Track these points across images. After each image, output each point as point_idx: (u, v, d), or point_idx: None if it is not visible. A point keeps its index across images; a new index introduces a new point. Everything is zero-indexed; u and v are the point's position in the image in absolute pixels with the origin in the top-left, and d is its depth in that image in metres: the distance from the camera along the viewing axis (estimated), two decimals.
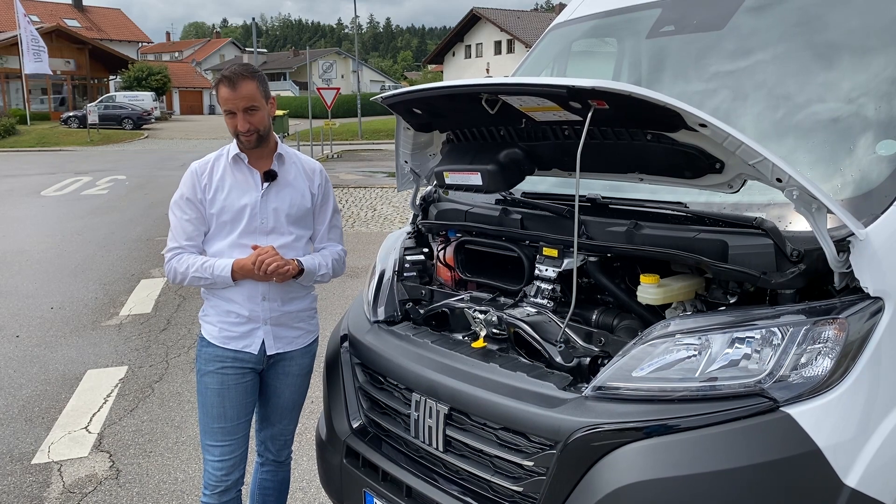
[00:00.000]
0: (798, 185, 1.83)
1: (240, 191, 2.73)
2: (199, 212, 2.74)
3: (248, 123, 2.64)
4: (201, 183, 2.74)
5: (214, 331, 2.78)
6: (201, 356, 2.81)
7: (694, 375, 1.90)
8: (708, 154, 2.04)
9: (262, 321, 2.76)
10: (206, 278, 2.69)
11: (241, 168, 2.77)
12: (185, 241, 2.75)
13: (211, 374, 2.77)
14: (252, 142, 2.68)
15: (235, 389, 2.77)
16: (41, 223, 12.36)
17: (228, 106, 2.64)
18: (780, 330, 1.88)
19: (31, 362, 5.80)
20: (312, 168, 2.90)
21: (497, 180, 2.50)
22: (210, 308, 2.82)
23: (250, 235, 2.73)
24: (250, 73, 2.66)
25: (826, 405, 1.79)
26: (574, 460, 1.92)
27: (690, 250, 2.12)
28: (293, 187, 2.80)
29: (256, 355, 2.78)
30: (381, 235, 10.21)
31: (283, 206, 2.76)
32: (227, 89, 2.62)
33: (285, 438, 3.02)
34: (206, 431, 2.80)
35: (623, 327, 2.30)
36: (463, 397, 2.23)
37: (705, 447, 1.81)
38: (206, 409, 2.78)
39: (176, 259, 2.74)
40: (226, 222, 2.74)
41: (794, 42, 2.69)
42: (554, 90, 2.01)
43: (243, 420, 2.81)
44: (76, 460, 4.20)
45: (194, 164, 2.80)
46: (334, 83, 27.07)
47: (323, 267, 2.83)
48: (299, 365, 2.92)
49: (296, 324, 2.86)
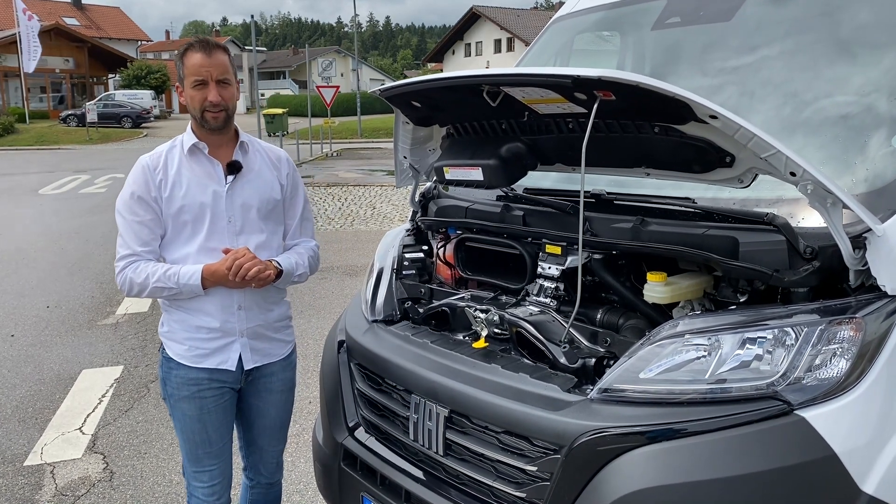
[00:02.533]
0: (813, 179, 1.77)
1: (201, 186, 2.43)
2: (155, 212, 2.42)
3: (220, 97, 2.38)
4: (155, 179, 2.42)
5: (182, 349, 2.48)
6: (170, 381, 2.52)
7: (703, 377, 1.83)
8: (718, 147, 1.97)
9: (238, 333, 2.49)
10: (170, 288, 2.38)
11: (199, 160, 2.46)
12: (140, 246, 2.42)
13: (187, 400, 2.50)
14: (220, 120, 2.40)
15: (216, 413, 2.52)
16: (39, 221, 12.30)
17: (201, 73, 2.35)
18: (793, 330, 1.81)
19: (25, 362, 5.73)
20: (278, 157, 2.63)
21: (499, 175, 2.43)
22: (174, 323, 2.50)
23: (218, 237, 2.43)
24: (224, 46, 2.43)
25: (842, 408, 1.72)
26: (579, 465, 1.85)
27: (699, 247, 2.05)
28: (261, 179, 2.52)
29: (234, 372, 2.51)
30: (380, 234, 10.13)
31: (252, 201, 2.48)
32: (200, 55, 2.36)
33: (277, 461, 2.80)
34: (191, 459, 2.57)
35: (629, 327, 2.23)
36: (464, 399, 2.15)
37: (716, 452, 1.73)
38: (188, 435, 2.54)
39: (131, 268, 2.41)
40: (186, 223, 2.43)
41: (805, 34, 2.62)
42: (559, 80, 1.93)
43: (227, 440, 2.61)
44: (69, 462, 4.13)
45: (143, 157, 2.48)
46: (334, 81, 26.94)
47: (300, 266, 2.57)
48: (281, 380, 2.66)
49: (273, 334, 2.60)
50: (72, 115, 37.82)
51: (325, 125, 25.38)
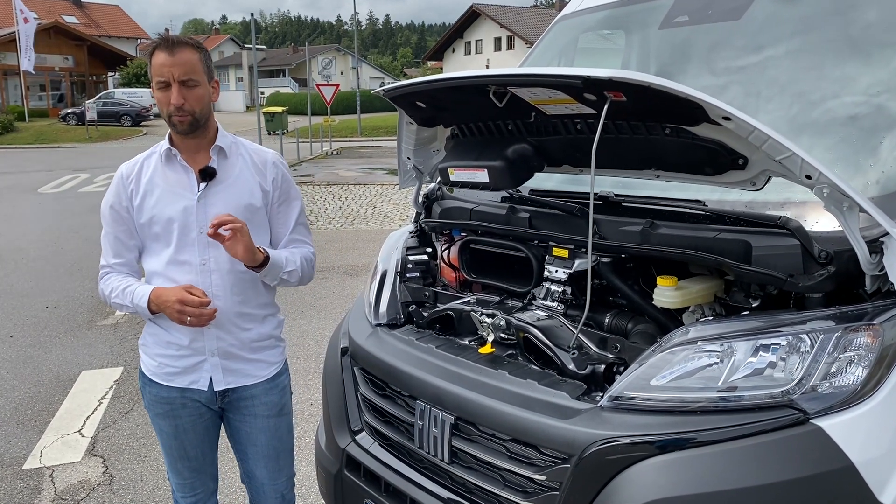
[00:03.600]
0: (829, 183, 1.72)
1: (172, 195, 2.29)
2: (127, 224, 2.33)
3: (183, 98, 2.19)
4: (127, 189, 2.31)
5: (153, 365, 2.39)
6: (145, 395, 2.44)
7: (716, 385, 1.79)
8: (730, 149, 1.93)
9: (209, 352, 2.34)
10: (126, 306, 2.29)
11: (174, 166, 2.32)
12: (114, 258, 2.35)
13: (162, 418, 2.41)
14: (185, 125, 2.22)
15: (193, 431, 2.43)
16: (38, 220, 12.25)
17: (163, 74, 2.18)
18: (808, 337, 1.76)
19: (24, 363, 5.69)
20: (264, 160, 2.42)
21: (504, 177, 2.38)
22: (149, 336, 2.41)
23: (189, 249, 2.28)
24: (194, 44, 2.25)
25: (859, 417, 1.68)
26: (590, 475, 1.81)
27: (711, 251, 2.01)
28: (237, 186, 2.34)
29: (206, 392, 2.38)
30: (380, 233, 10.11)
31: (226, 212, 2.23)
32: (163, 54, 2.18)
33: (282, 493, 2.60)
34: (172, 470, 2.52)
35: (638, 332, 2.19)
36: (470, 406, 2.11)
37: (730, 463, 1.69)
38: (167, 449, 2.48)
39: (104, 280, 2.36)
40: (157, 235, 2.30)
41: (814, 33, 2.57)
42: (568, 81, 1.89)
43: (209, 456, 2.53)
44: (69, 465, 4.08)
45: (122, 166, 2.37)
46: (333, 80, 26.90)
47: (291, 262, 2.38)
48: (265, 404, 2.45)
49: (250, 355, 2.41)
50: (71, 113, 37.75)
51: (325, 123, 25.29)
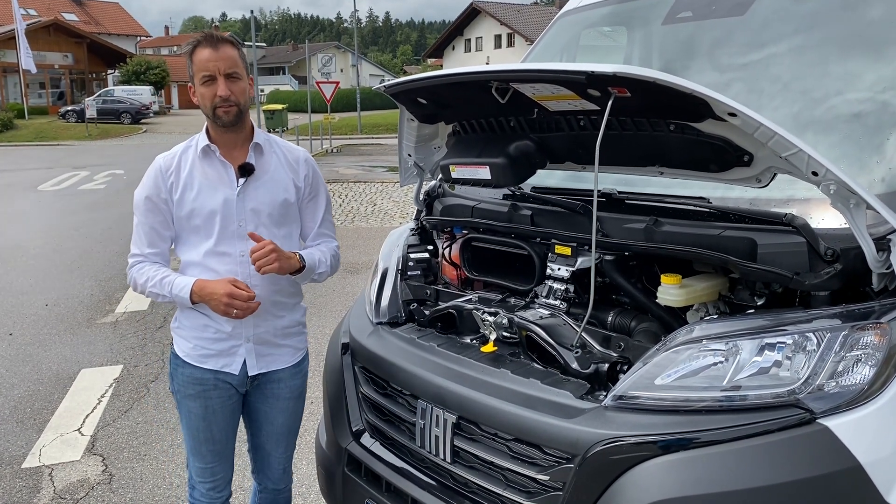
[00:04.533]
0: (836, 179, 1.71)
1: (212, 189, 2.40)
2: (164, 216, 2.42)
3: (230, 91, 2.31)
4: (167, 181, 2.40)
5: (188, 347, 2.48)
6: (177, 377, 2.52)
7: (721, 384, 1.77)
8: (736, 146, 1.91)
9: (245, 338, 2.46)
10: (163, 295, 2.39)
11: (212, 162, 2.42)
12: (148, 248, 2.44)
13: (193, 399, 2.49)
14: (231, 115, 2.34)
15: (222, 413, 2.51)
16: (38, 218, 12.22)
17: (208, 68, 2.29)
18: (815, 335, 1.74)
19: (23, 361, 5.67)
20: (297, 157, 2.55)
21: (507, 174, 2.36)
22: (185, 320, 2.50)
23: (228, 241, 2.40)
24: (233, 40, 2.37)
25: (867, 417, 1.66)
26: (593, 475, 1.79)
27: (716, 249, 1.99)
28: (274, 182, 2.47)
29: (238, 376, 2.49)
30: (381, 230, 10.09)
31: (264, 206, 2.42)
32: (207, 50, 2.30)
33: (283, 466, 2.74)
34: (194, 454, 2.57)
35: (642, 330, 2.16)
36: (472, 405, 2.09)
37: (736, 463, 1.67)
38: (192, 432, 2.53)
39: (136, 269, 2.44)
40: (198, 227, 2.41)
41: (820, 29, 2.55)
42: (572, 77, 1.86)
43: (231, 439, 2.59)
44: (68, 464, 4.06)
45: (159, 158, 2.45)
46: (333, 77, 26.82)
47: (322, 264, 2.53)
48: (289, 387, 2.60)
49: (282, 341, 2.55)
50: (71, 110, 37.70)
51: (325, 121, 25.25)
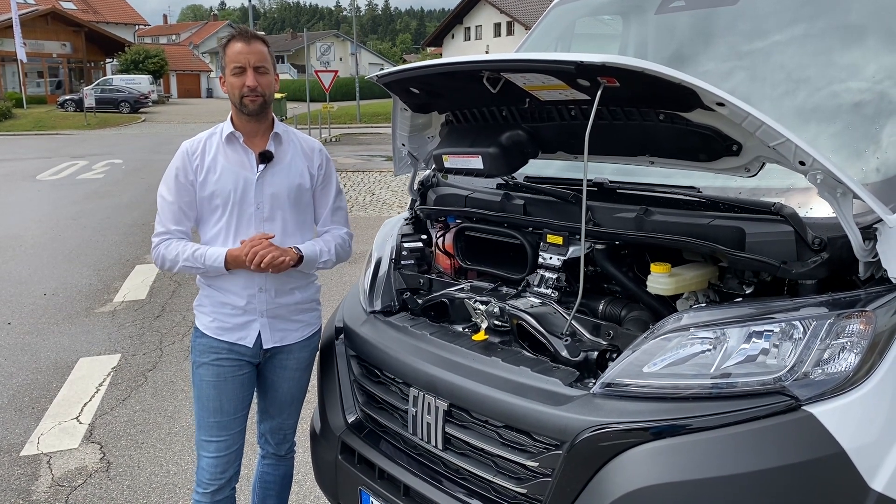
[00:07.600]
0: (822, 169, 1.72)
1: (233, 173, 2.59)
2: (190, 195, 2.61)
3: (257, 82, 2.52)
4: (193, 164, 2.60)
5: (208, 321, 2.66)
6: (196, 347, 2.70)
7: (709, 371, 1.78)
8: (724, 135, 1.92)
9: (259, 313, 2.64)
10: (197, 267, 2.57)
11: (235, 148, 2.62)
12: (174, 225, 2.62)
13: (206, 366, 2.65)
14: (257, 105, 2.54)
15: (232, 382, 2.65)
16: (36, 208, 12.22)
17: (239, 60, 2.51)
18: (801, 323, 1.76)
19: (22, 350, 5.69)
20: (311, 147, 2.75)
21: (499, 164, 2.38)
22: (205, 298, 2.70)
23: (246, 222, 2.59)
24: (264, 38, 2.60)
25: (851, 404, 1.68)
26: (582, 461, 1.81)
27: (705, 238, 2.01)
28: (291, 169, 2.66)
29: (252, 348, 2.65)
30: (379, 220, 10.09)
31: (281, 191, 2.62)
32: (240, 43, 2.52)
33: (285, 433, 2.90)
34: (201, 426, 2.68)
35: (632, 319, 2.18)
36: (463, 393, 2.11)
37: (722, 449, 1.69)
38: (202, 402, 2.66)
39: (164, 245, 2.61)
40: (217, 206, 2.60)
41: (814, 18, 2.55)
42: (562, 66, 1.87)
43: (240, 414, 2.70)
44: (66, 452, 4.09)
45: (185, 143, 2.66)
46: (332, 66, 26.72)
47: (325, 253, 2.68)
48: (297, 359, 2.77)
49: (294, 316, 2.72)
50: (69, 100, 37.55)
51: (324, 110, 25.16)
